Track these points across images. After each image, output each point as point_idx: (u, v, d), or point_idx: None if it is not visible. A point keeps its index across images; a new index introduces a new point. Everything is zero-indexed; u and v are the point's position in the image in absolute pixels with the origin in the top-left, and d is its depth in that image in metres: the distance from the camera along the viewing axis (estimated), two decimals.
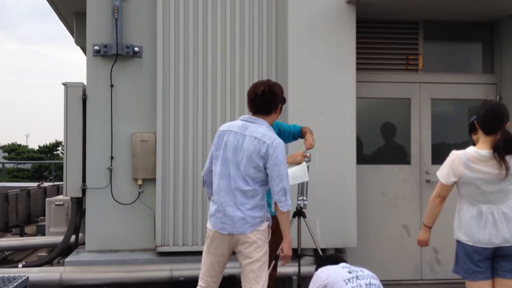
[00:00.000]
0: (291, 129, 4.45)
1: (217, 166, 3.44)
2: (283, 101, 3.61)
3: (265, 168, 3.34)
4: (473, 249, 3.29)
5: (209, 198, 3.59)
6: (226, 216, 3.38)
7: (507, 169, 3.18)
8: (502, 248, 3.25)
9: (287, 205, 3.36)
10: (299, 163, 4.13)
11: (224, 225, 3.39)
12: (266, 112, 3.47)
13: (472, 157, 3.26)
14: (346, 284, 3.11)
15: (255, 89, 3.48)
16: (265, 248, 3.47)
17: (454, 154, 3.35)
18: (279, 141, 3.37)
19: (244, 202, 3.37)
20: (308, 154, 4.18)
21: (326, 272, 3.25)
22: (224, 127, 3.53)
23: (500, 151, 3.19)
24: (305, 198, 4.26)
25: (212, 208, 3.47)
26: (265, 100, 3.44)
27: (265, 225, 3.47)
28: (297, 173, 4.09)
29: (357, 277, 3.15)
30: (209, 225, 3.49)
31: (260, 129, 3.38)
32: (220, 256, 3.49)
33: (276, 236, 4.29)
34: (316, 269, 3.53)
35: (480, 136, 3.35)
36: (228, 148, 3.41)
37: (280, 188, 3.33)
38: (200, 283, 3.55)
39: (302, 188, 4.25)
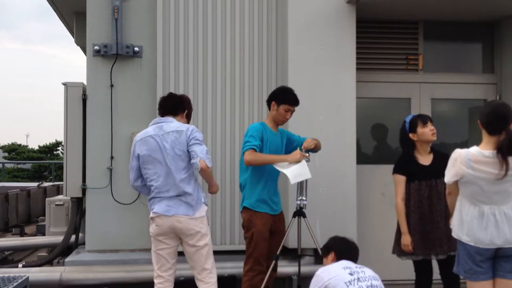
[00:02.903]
0: (300, 140, 4.49)
1: (151, 170, 3.87)
2: (190, 110, 4.15)
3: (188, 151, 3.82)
4: (475, 250, 3.29)
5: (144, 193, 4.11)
6: (167, 205, 3.83)
7: (507, 169, 3.17)
8: (503, 249, 3.25)
9: (209, 164, 3.77)
10: (298, 161, 4.13)
11: (169, 208, 3.84)
12: (173, 112, 4.01)
13: (474, 157, 3.25)
14: (348, 286, 3.11)
15: (162, 96, 4.18)
16: (208, 233, 3.98)
17: (457, 153, 3.34)
18: (192, 127, 3.89)
19: (186, 188, 3.82)
20: (306, 154, 4.19)
21: (327, 273, 3.25)
22: (139, 136, 3.95)
23: (504, 151, 3.18)
24: (304, 198, 4.26)
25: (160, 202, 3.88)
26: (174, 101, 4.06)
27: (205, 208, 3.96)
28: (297, 171, 4.10)
29: (358, 279, 3.15)
30: (157, 209, 3.90)
31: (173, 124, 3.89)
32: (170, 244, 3.97)
33: (276, 238, 4.31)
34: (329, 245, 3.59)
35: (484, 136, 3.34)
36: (154, 152, 3.83)
37: (206, 152, 3.79)
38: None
39: (301, 188, 4.25)
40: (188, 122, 4.08)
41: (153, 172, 3.85)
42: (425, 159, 4.17)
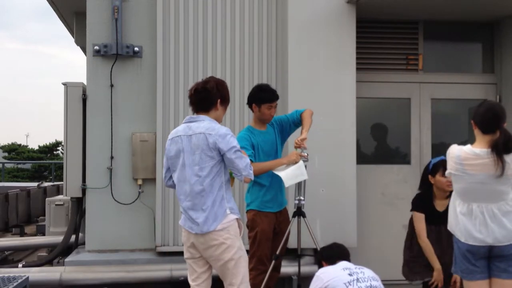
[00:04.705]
0: (289, 118, 4.42)
1: (175, 173, 3.47)
2: (224, 96, 3.52)
3: (222, 159, 3.35)
4: (467, 248, 3.30)
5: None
6: (189, 219, 3.39)
7: (502, 169, 3.18)
8: (495, 248, 3.26)
9: (251, 175, 3.39)
10: (295, 162, 4.11)
11: (191, 225, 3.39)
12: (204, 109, 3.46)
13: (465, 154, 3.29)
14: (347, 287, 3.11)
15: (190, 89, 3.52)
16: (237, 245, 3.39)
17: (451, 148, 3.43)
18: (224, 130, 3.36)
19: (205, 201, 3.34)
20: (305, 154, 4.15)
21: (327, 274, 3.26)
22: (171, 134, 3.54)
23: (499, 149, 3.19)
24: (302, 198, 4.25)
25: (181, 208, 3.52)
26: (199, 98, 3.45)
27: (231, 218, 3.39)
28: (294, 173, 4.07)
29: (357, 280, 3.16)
30: (181, 222, 3.51)
31: (202, 124, 3.38)
32: (195, 254, 3.47)
33: (280, 238, 4.30)
34: (319, 258, 3.61)
35: (477, 135, 3.37)
36: (179, 153, 3.41)
37: (245, 164, 3.32)
38: None
39: (299, 188, 4.25)
40: (226, 109, 3.60)
41: (176, 175, 3.46)
42: (442, 204, 4.09)
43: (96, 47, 5.35)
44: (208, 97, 3.44)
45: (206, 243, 3.35)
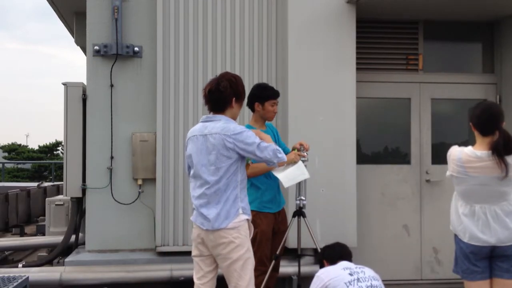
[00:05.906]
0: (282, 144, 4.52)
1: (191, 171, 3.47)
2: (238, 94, 3.44)
3: (242, 157, 3.33)
4: (470, 249, 3.30)
5: None
6: (201, 215, 3.38)
7: (507, 170, 3.17)
8: (498, 248, 3.26)
9: (283, 158, 3.38)
10: (294, 162, 4.10)
11: (203, 221, 3.37)
12: (219, 109, 3.42)
13: (466, 157, 3.27)
14: (347, 287, 3.12)
15: (205, 88, 3.45)
16: (246, 245, 3.36)
17: (452, 149, 3.41)
18: (240, 128, 3.33)
19: (219, 199, 3.32)
20: (304, 154, 4.15)
21: (327, 274, 3.27)
22: (188, 134, 3.52)
23: (500, 151, 3.18)
24: (303, 198, 4.26)
25: (193, 205, 3.51)
26: (214, 98, 3.39)
27: (242, 218, 3.35)
28: (294, 173, 4.06)
29: (358, 279, 3.16)
30: (192, 218, 3.50)
31: (218, 124, 3.35)
32: (203, 252, 3.45)
33: (278, 238, 4.31)
34: (320, 258, 3.61)
35: (477, 137, 3.36)
36: (194, 153, 3.40)
37: (272, 153, 3.31)
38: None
39: (300, 188, 4.25)
40: (241, 105, 3.53)
41: (191, 174, 3.46)
42: None
43: (96, 47, 5.35)
44: (222, 97, 3.39)
45: (216, 241, 3.33)
